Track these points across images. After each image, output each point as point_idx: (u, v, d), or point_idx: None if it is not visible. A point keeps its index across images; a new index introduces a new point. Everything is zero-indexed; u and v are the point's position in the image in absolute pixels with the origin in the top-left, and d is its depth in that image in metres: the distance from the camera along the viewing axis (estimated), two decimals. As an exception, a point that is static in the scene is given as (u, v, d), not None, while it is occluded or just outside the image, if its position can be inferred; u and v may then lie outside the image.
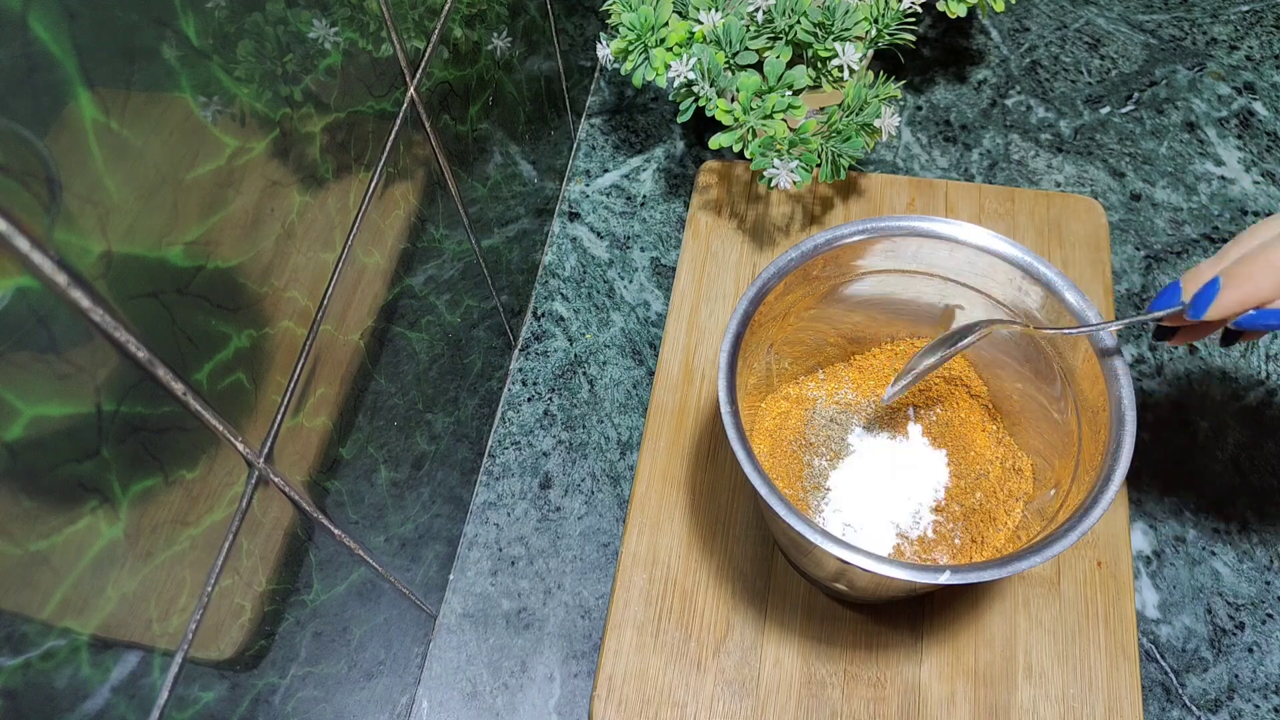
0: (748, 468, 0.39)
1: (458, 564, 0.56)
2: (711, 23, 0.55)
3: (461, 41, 0.46)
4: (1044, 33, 0.75)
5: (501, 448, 0.60)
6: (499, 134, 0.54)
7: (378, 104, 0.38)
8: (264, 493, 0.33)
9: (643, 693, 0.50)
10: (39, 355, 0.22)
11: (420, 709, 0.52)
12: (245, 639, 0.34)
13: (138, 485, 0.26)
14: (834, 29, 0.54)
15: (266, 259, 0.32)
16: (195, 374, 0.28)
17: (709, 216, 0.65)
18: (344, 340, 0.38)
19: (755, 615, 0.51)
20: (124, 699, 0.27)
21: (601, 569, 0.55)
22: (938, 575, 0.37)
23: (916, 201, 0.65)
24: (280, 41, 0.31)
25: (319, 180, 0.35)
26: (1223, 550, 0.53)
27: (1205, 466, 0.56)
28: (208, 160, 0.28)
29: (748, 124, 0.55)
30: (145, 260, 0.26)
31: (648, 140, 0.71)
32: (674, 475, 0.56)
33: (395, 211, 0.42)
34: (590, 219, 0.68)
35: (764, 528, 0.54)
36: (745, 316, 0.43)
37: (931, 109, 0.71)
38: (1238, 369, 0.58)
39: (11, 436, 0.22)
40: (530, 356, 0.63)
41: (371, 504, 0.43)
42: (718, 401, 0.41)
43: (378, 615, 0.46)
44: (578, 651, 0.53)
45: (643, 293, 0.65)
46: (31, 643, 0.23)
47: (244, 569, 0.33)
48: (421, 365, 0.47)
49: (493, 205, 0.55)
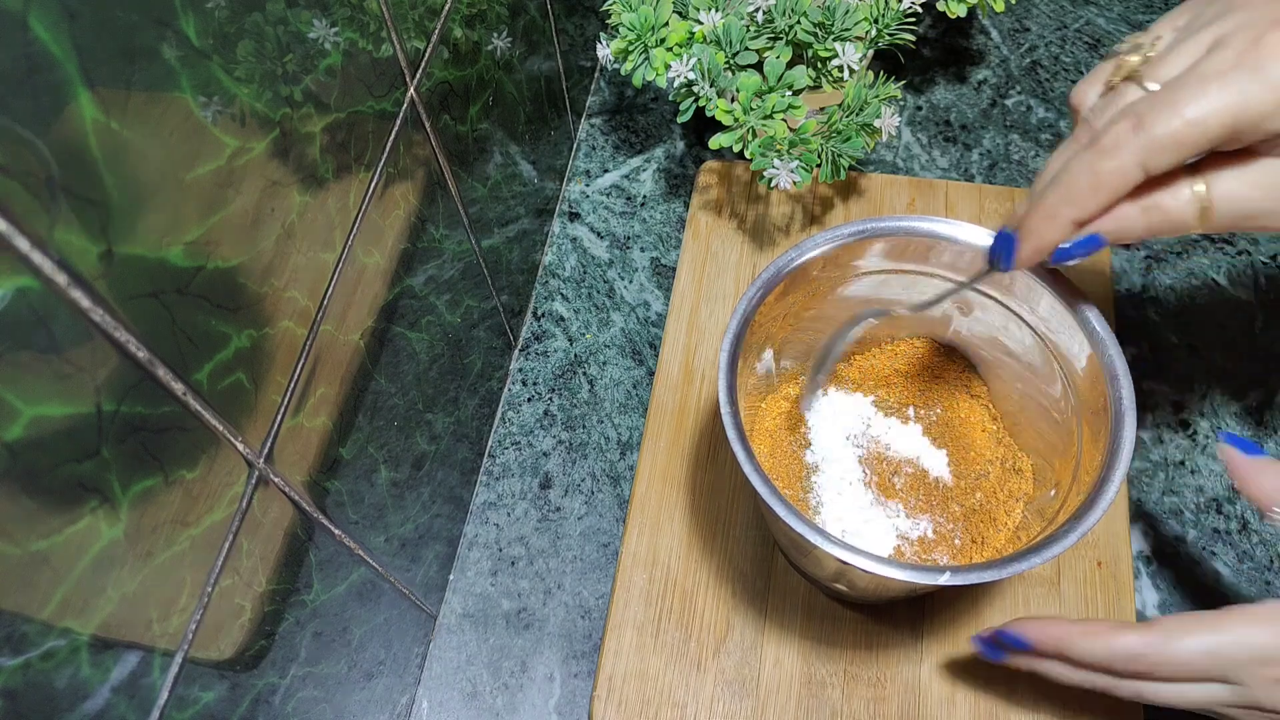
0: (748, 468, 0.39)
1: (458, 564, 0.56)
2: (711, 23, 0.55)
3: (461, 41, 0.46)
4: (1044, 33, 0.75)
5: (501, 448, 0.60)
6: (499, 134, 0.54)
7: (378, 104, 0.38)
8: (264, 493, 0.33)
9: (643, 693, 0.50)
10: (39, 355, 0.22)
11: (420, 709, 0.52)
12: (245, 639, 0.34)
13: (138, 485, 0.26)
14: (834, 29, 0.54)
15: (266, 259, 0.32)
16: (195, 374, 0.28)
17: (709, 216, 0.65)
18: (344, 340, 0.38)
19: (755, 615, 0.51)
20: (124, 699, 0.27)
21: (601, 569, 0.55)
22: (938, 576, 0.37)
23: (916, 202, 0.65)
24: (280, 41, 0.31)
25: (319, 180, 0.35)
26: (1223, 550, 0.53)
27: (1205, 465, 0.56)
28: (208, 160, 0.28)
29: (748, 124, 0.55)
30: (145, 260, 0.26)
31: (648, 140, 0.71)
32: (674, 475, 0.56)
33: (395, 211, 0.42)
34: (590, 219, 0.68)
35: (764, 528, 0.54)
36: (745, 317, 0.43)
37: (931, 109, 0.71)
38: (1238, 369, 0.58)
39: (11, 436, 0.22)
40: (530, 356, 0.63)
41: (371, 504, 0.43)
42: (718, 401, 0.41)
43: (378, 615, 0.46)
44: (578, 651, 0.53)
45: (643, 293, 0.65)
46: (31, 643, 0.23)
47: (244, 569, 0.33)
48: (421, 365, 0.47)
49: (493, 205, 0.55)
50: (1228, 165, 0.33)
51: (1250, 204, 0.33)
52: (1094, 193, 0.34)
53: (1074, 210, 0.35)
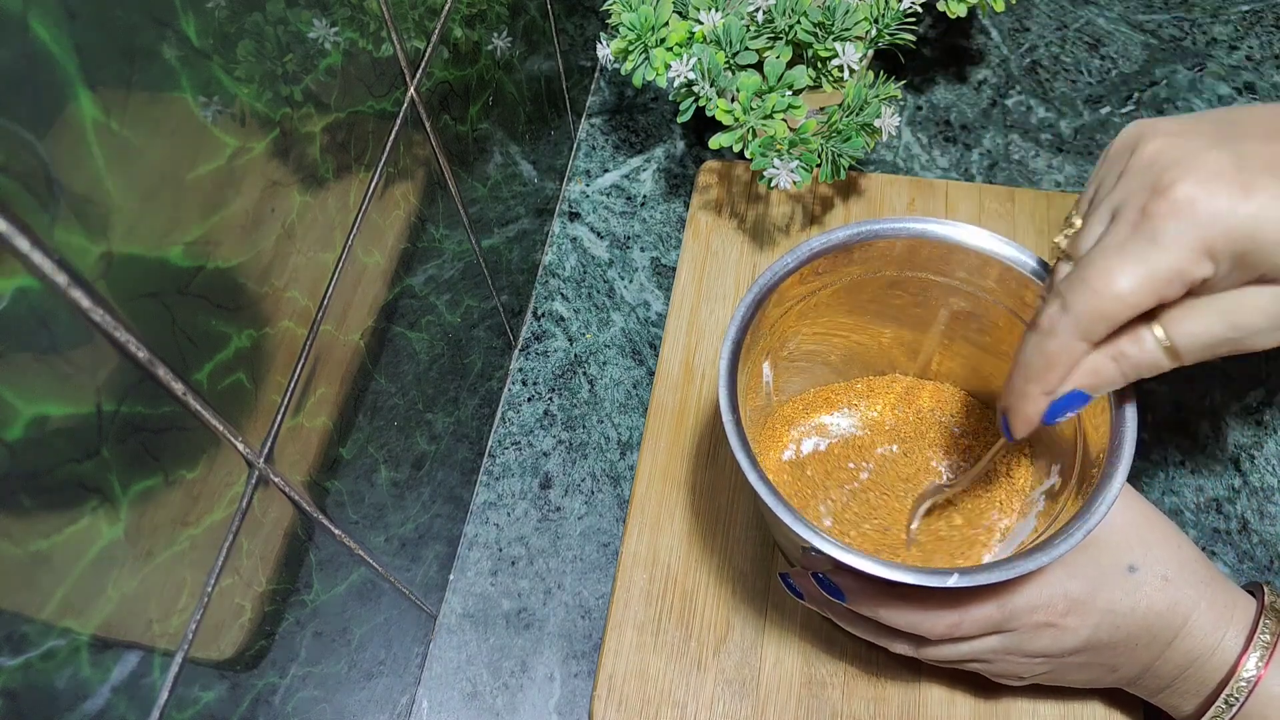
0: (751, 476, 0.39)
1: (458, 564, 0.56)
2: (711, 23, 0.55)
3: (461, 41, 0.46)
4: (1044, 33, 0.75)
5: (501, 448, 0.60)
6: (499, 134, 0.54)
7: (378, 104, 0.38)
8: (264, 493, 0.33)
9: (643, 692, 0.50)
10: (39, 355, 0.22)
11: (420, 709, 0.52)
12: (245, 639, 0.34)
13: (138, 485, 0.26)
14: (834, 29, 0.54)
15: (266, 259, 0.32)
16: (195, 374, 0.28)
17: (709, 216, 0.65)
18: (344, 340, 0.38)
19: (755, 615, 0.51)
20: (124, 699, 0.27)
21: (601, 569, 0.55)
22: (945, 579, 0.37)
23: (917, 202, 0.65)
24: (280, 41, 0.31)
25: (319, 180, 0.35)
26: (1223, 550, 0.53)
27: (1205, 466, 0.56)
28: (208, 160, 0.28)
29: (748, 124, 0.55)
30: (145, 260, 0.26)
31: (648, 140, 0.71)
32: (674, 475, 0.56)
33: (395, 211, 0.42)
34: (590, 219, 0.68)
35: (764, 528, 0.54)
36: (744, 321, 0.43)
37: (931, 109, 0.71)
38: (1238, 369, 0.58)
39: (11, 436, 0.22)
40: (530, 356, 0.63)
41: (371, 504, 0.43)
42: (718, 402, 0.41)
43: (378, 615, 0.46)
44: (578, 651, 0.53)
45: (643, 293, 0.65)
46: (32, 643, 0.23)
47: (244, 569, 0.33)
48: (421, 365, 0.47)
49: (493, 205, 0.55)
50: (1178, 308, 0.34)
51: (1211, 337, 0.34)
52: (1049, 369, 0.36)
53: (1039, 386, 0.37)
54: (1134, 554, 0.41)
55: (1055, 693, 0.48)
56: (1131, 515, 0.42)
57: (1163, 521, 0.43)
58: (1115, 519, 0.42)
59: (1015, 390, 0.37)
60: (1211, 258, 0.32)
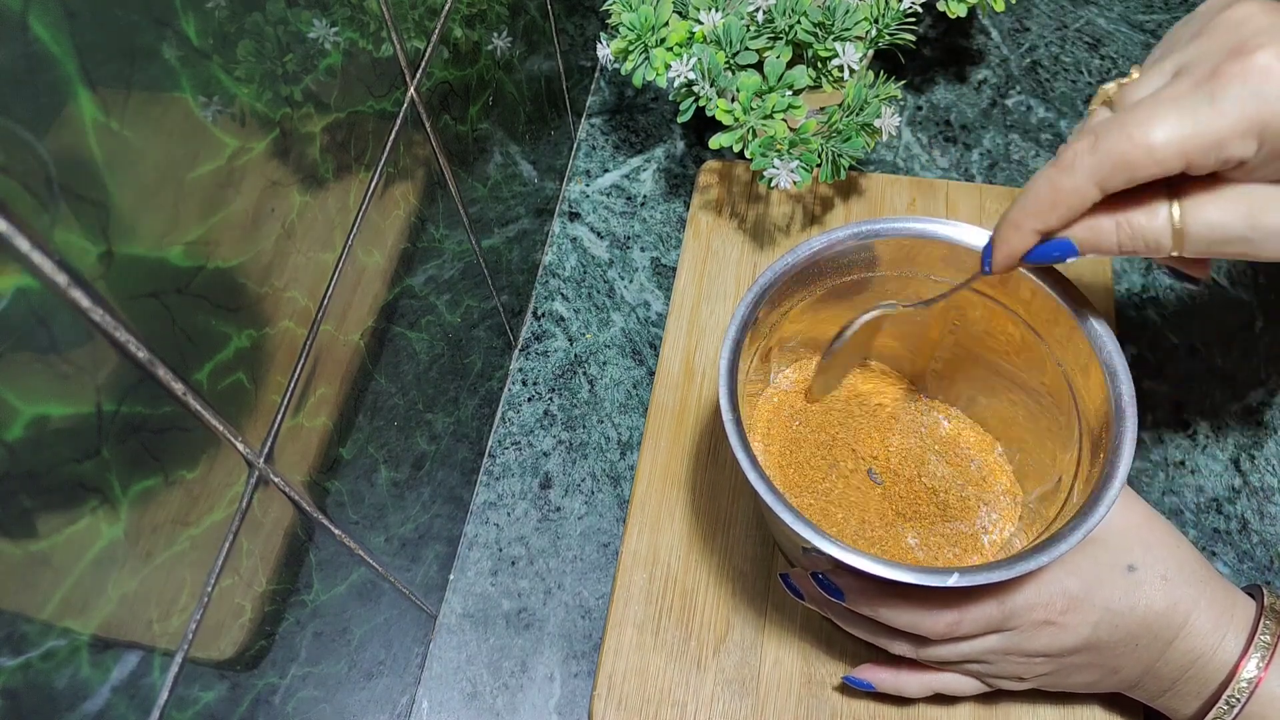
0: (752, 475, 0.39)
1: (458, 564, 0.56)
2: (711, 23, 0.55)
3: (462, 41, 0.46)
4: (1044, 33, 0.75)
5: (501, 448, 0.60)
6: (499, 134, 0.54)
7: (378, 104, 0.38)
8: (264, 493, 0.33)
9: (643, 692, 0.50)
10: (39, 355, 0.22)
11: (420, 709, 0.52)
12: (245, 639, 0.34)
13: (138, 485, 0.26)
14: (834, 29, 0.54)
15: (266, 259, 0.32)
16: (195, 374, 0.28)
17: (709, 216, 0.65)
18: (344, 340, 0.38)
19: (755, 615, 0.51)
20: (124, 699, 0.27)
21: (601, 569, 0.55)
22: (945, 578, 0.37)
23: (917, 202, 0.65)
24: (280, 41, 0.31)
25: (319, 180, 0.35)
26: (1223, 550, 0.53)
27: (1205, 465, 0.56)
28: (208, 160, 0.28)
29: (748, 124, 0.55)
30: (145, 260, 0.26)
31: (648, 140, 0.71)
32: (674, 475, 0.56)
33: (395, 211, 0.42)
34: (590, 219, 0.68)
35: (764, 528, 0.54)
36: (744, 321, 0.43)
37: (931, 109, 0.71)
38: (1238, 369, 0.58)
39: (11, 436, 0.22)
40: (530, 356, 0.63)
41: (371, 504, 0.43)
42: (718, 401, 0.41)
43: (378, 615, 0.46)
44: (578, 651, 0.53)
45: (643, 293, 0.65)
46: (32, 643, 0.23)
47: (244, 569, 0.33)
48: (421, 365, 0.47)
49: (493, 205, 0.55)
50: (1203, 189, 0.34)
51: (1226, 230, 0.33)
52: (1053, 207, 0.35)
53: (1036, 222, 0.36)
54: (1133, 554, 0.41)
55: (1055, 697, 0.48)
56: (1131, 516, 0.42)
57: (1162, 522, 0.43)
58: (1114, 519, 0.42)
59: (1010, 221, 0.37)
60: (1260, 139, 0.31)
